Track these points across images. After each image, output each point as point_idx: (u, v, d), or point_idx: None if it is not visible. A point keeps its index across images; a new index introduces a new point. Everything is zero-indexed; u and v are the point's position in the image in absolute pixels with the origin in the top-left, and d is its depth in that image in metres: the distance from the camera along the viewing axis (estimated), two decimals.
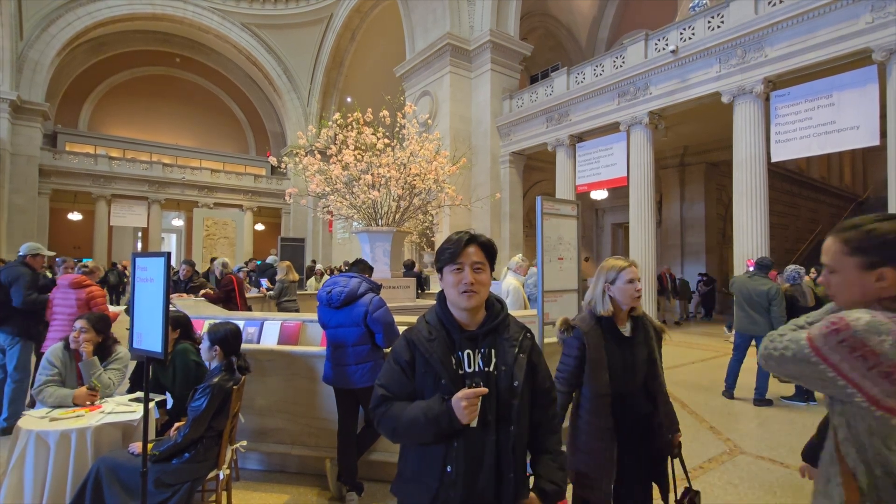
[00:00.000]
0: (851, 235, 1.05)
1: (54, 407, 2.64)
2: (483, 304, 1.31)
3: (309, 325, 3.57)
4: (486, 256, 1.30)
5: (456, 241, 1.29)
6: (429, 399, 1.23)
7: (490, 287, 1.32)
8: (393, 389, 1.30)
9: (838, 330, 0.96)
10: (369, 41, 20.93)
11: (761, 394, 5.05)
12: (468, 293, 1.25)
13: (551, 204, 3.39)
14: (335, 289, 2.91)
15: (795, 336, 1.06)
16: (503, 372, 1.26)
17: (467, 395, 1.17)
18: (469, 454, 1.21)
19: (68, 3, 17.90)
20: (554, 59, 17.31)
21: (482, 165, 13.85)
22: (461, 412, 1.16)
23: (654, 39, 10.15)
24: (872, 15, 7.02)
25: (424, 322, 1.33)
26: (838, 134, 7.56)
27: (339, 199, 5.11)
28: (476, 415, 1.18)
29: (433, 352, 1.25)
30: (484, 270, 1.29)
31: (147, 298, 2.10)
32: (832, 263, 1.09)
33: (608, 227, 18.03)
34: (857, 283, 1.03)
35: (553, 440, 1.37)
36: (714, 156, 13.93)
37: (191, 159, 24.20)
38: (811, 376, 1.03)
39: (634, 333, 1.89)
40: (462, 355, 1.27)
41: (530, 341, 1.34)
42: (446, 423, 1.18)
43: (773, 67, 8.19)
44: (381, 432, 1.32)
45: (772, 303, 4.98)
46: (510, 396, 1.24)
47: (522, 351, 1.29)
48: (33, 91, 17.35)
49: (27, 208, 17.26)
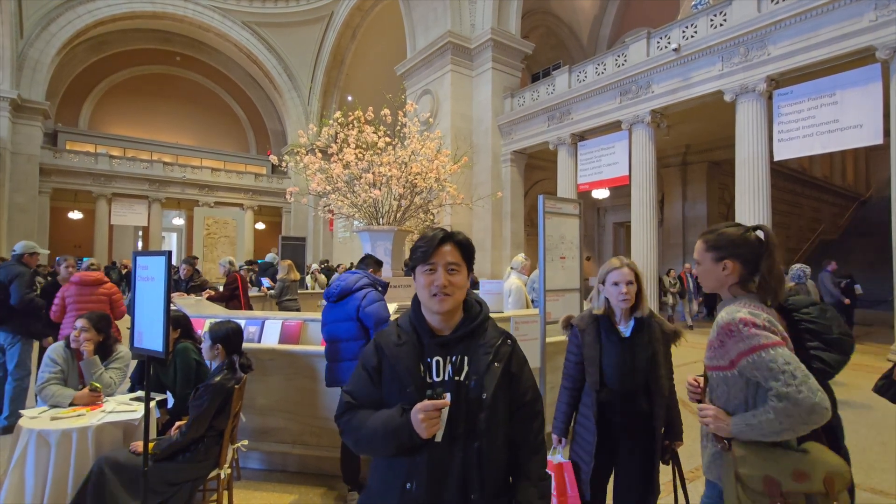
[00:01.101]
0: (709, 237, 1.45)
1: (56, 406, 2.63)
2: (458, 307, 1.20)
3: (310, 325, 3.56)
4: (462, 256, 1.19)
5: (430, 238, 1.18)
6: (391, 409, 1.14)
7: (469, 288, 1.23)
8: (358, 396, 1.21)
9: (747, 324, 1.26)
10: (370, 39, 20.89)
11: None
12: (440, 296, 1.14)
13: (553, 203, 3.37)
14: (334, 283, 2.91)
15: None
16: (474, 382, 1.14)
17: (425, 406, 1.06)
18: (432, 471, 1.11)
19: (68, 2, 17.89)
20: (555, 57, 17.27)
21: (483, 164, 13.83)
22: (419, 426, 1.06)
23: (656, 38, 10.12)
24: (876, 13, 6.99)
25: (395, 325, 1.24)
26: (841, 133, 7.53)
27: (340, 198, 5.09)
28: (437, 429, 1.07)
29: (400, 357, 1.16)
30: (459, 272, 1.18)
31: (148, 297, 2.09)
32: (698, 258, 1.46)
33: (610, 227, 18.01)
34: (713, 271, 1.42)
35: (534, 463, 1.21)
36: (716, 155, 13.90)
37: (191, 158, 24.21)
38: None
39: (637, 334, 1.88)
40: (431, 362, 1.16)
41: (509, 348, 1.21)
42: (406, 437, 1.08)
43: (776, 66, 8.16)
44: (345, 442, 1.23)
45: None
46: (478, 410, 1.12)
47: (498, 359, 1.17)
48: (34, 90, 17.35)
49: (28, 207, 17.27)
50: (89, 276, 4.35)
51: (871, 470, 3.37)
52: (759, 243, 1.39)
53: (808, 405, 1.14)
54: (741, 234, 1.39)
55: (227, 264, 6.34)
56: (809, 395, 1.14)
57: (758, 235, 1.40)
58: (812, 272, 6.24)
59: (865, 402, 5.12)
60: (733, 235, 1.40)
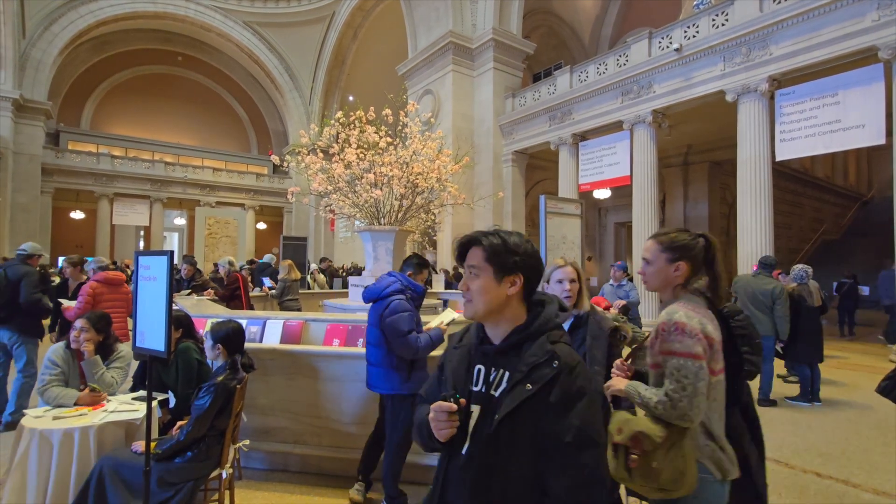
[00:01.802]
0: (664, 239, 1.54)
1: (59, 406, 2.64)
2: (497, 314, 1.08)
3: (311, 325, 3.56)
4: (486, 259, 1.07)
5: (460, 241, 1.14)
6: None
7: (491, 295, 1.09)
8: (426, 392, 1.23)
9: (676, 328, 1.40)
10: (371, 39, 20.90)
11: (765, 395, 5.02)
12: (465, 302, 1.11)
13: (555, 203, 3.38)
14: (371, 285, 2.88)
15: None
16: (499, 400, 1.03)
17: (434, 407, 1.02)
18: (447, 479, 1.09)
19: (70, 2, 17.94)
20: (557, 57, 17.26)
21: (485, 164, 13.82)
22: (433, 427, 1.03)
23: (657, 37, 10.11)
24: (879, 13, 6.97)
25: (466, 328, 1.22)
26: (843, 133, 7.52)
27: (341, 198, 5.08)
28: (448, 434, 1.02)
29: (451, 359, 1.17)
30: (479, 276, 1.07)
31: (150, 297, 2.09)
32: (650, 257, 1.55)
33: (611, 227, 17.99)
34: (664, 271, 1.52)
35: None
36: (718, 155, 13.88)
37: (193, 158, 24.24)
38: None
39: (573, 331, 1.93)
40: (475, 370, 1.11)
41: (553, 372, 1.00)
42: (426, 435, 1.07)
43: (778, 66, 8.14)
44: None
45: (776, 302, 4.96)
46: (489, 429, 1.01)
47: (531, 381, 1.00)
48: (36, 90, 17.40)
49: (30, 207, 17.32)
50: (118, 276, 4.45)
51: (874, 471, 3.37)
52: (706, 249, 1.52)
53: (680, 412, 1.34)
54: (692, 240, 1.52)
55: (226, 265, 6.34)
56: (686, 407, 1.33)
57: (704, 241, 1.54)
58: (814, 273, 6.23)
59: (868, 402, 5.11)
60: (686, 240, 1.52)
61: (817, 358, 5.10)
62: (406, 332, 2.60)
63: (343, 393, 3.20)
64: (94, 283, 4.26)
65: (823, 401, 5.10)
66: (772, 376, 5.05)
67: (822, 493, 3.04)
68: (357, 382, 3.12)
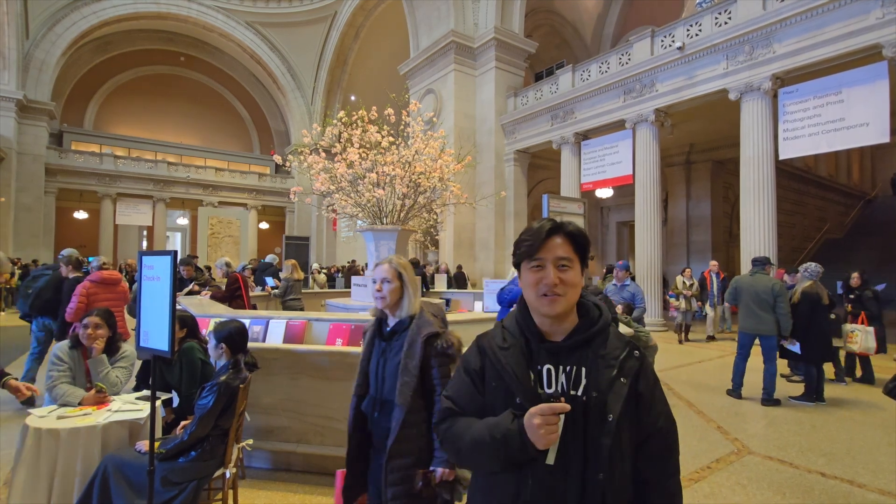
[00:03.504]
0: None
1: (65, 404, 2.65)
2: (572, 309, 1.05)
3: (314, 324, 3.56)
4: (574, 250, 1.04)
5: (536, 230, 1.04)
6: (499, 416, 1.00)
7: (578, 288, 1.06)
8: (460, 403, 1.09)
9: None
10: (373, 39, 20.91)
11: (769, 394, 5.00)
12: (550, 297, 1.00)
13: (558, 202, 3.37)
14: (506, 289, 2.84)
15: None
16: (594, 399, 0.97)
17: (542, 410, 0.91)
18: (544, 498, 0.95)
19: (74, 3, 18.00)
20: (559, 56, 17.23)
21: (487, 163, 13.81)
22: (535, 433, 0.91)
23: (660, 36, 10.08)
24: (883, 10, 6.94)
25: (501, 328, 1.10)
26: (847, 131, 7.48)
27: (343, 198, 5.09)
28: (554, 440, 0.92)
29: (506, 362, 1.02)
30: (572, 268, 1.03)
31: (153, 297, 2.10)
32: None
33: (613, 226, 17.96)
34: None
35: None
36: (721, 153, 13.83)
37: (195, 158, 24.30)
38: None
39: (392, 338, 1.78)
40: (542, 370, 1.02)
41: (637, 363, 1.02)
42: (517, 447, 0.93)
43: (782, 64, 8.11)
44: (445, 452, 1.17)
45: (777, 299, 4.98)
46: (600, 434, 0.95)
47: (624, 374, 0.99)
48: (39, 90, 17.46)
49: (34, 207, 17.40)
50: (113, 275, 4.47)
51: (880, 471, 3.35)
52: None
53: None
54: None
55: (223, 266, 6.32)
56: None
57: None
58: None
59: (873, 402, 5.09)
60: None
61: (829, 356, 5.08)
62: None
63: (346, 392, 3.16)
64: (88, 283, 4.30)
65: (828, 400, 5.08)
66: (775, 376, 5.03)
67: (828, 493, 3.03)
68: None
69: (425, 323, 1.74)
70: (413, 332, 1.72)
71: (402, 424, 1.62)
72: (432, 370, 1.68)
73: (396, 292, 1.77)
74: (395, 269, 1.78)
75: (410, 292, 1.78)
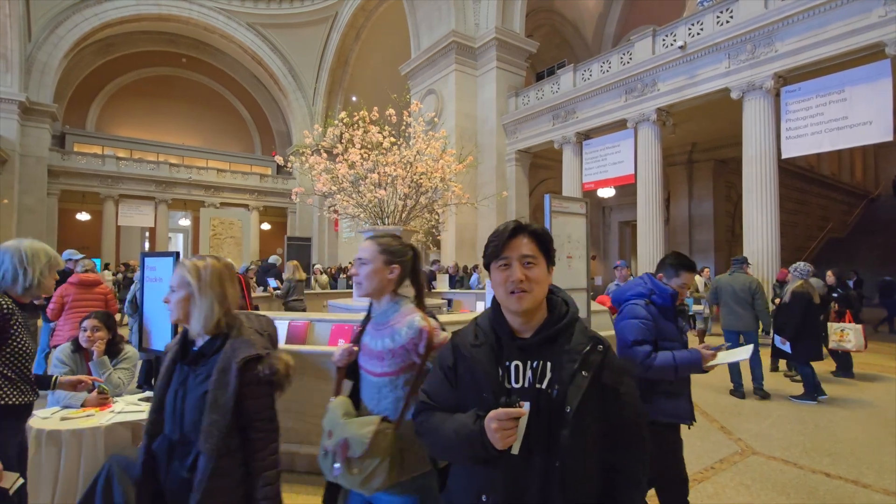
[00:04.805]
0: (382, 241, 1.59)
1: (68, 406, 2.65)
2: (539, 305, 1.09)
3: (317, 325, 3.56)
4: (539, 248, 1.09)
5: (501, 231, 1.11)
6: (466, 414, 1.05)
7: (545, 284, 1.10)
8: (435, 398, 1.15)
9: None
10: (374, 40, 20.92)
11: (759, 383, 5.15)
12: (518, 293, 1.05)
13: (559, 202, 3.36)
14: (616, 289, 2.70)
15: None
16: (556, 391, 1.02)
17: (498, 415, 0.95)
18: (509, 486, 1.02)
19: (76, 5, 18.05)
20: (560, 56, 17.22)
21: (488, 164, 13.81)
22: (493, 436, 0.96)
23: (661, 35, 10.06)
24: (885, 8, 6.91)
25: (474, 325, 1.16)
26: (850, 130, 7.46)
27: (345, 198, 5.08)
28: (513, 440, 0.97)
29: (476, 359, 1.08)
30: (537, 265, 1.07)
31: (156, 298, 2.10)
32: (369, 257, 1.55)
33: (615, 226, 17.94)
34: (382, 272, 1.53)
35: (635, 495, 1.08)
36: (723, 153, 13.80)
37: (197, 159, 24.34)
38: None
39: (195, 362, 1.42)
40: (510, 366, 1.07)
41: (600, 356, 1.07)
42: (479, 447, 0.98)
43: (784, 62, 8.09)
44: (423, 444, 1.18)
45: (755, 296, 5.19)
46: (560, 425, 1.00)
47: (586, 368, 1.03)
48: (42, 92, 17.52)
49: (36, 209, 17.45)
50: (88, 277, 4.58)
51: (884, 471, 3.33)
52: (414, 258, 1.60)
53: None
54: (405, 246, 1.61)
55: None
56: None
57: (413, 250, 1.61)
58: (821, 270, 6.26)
59: (877, 401, 5.06)
60: (400, 246, 1.59)
61: (816, 357, 5.07)
62: (630, 343, 2.16)
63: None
64: (66, 284, 4.46)
65: (832, 400, 5.06)
66: (760, 365, 5.14)
67: (832, 493, 3.01)
68: None
69: (242, 344, 1.38)
70: (226, 355, 1.35)
71: (210, 474, 1.26)
72: (248, 402, 1.35)
73: (184, 304, 1.38)
74: (181, 276, 1.39)
75: (207, 304, 1.37)
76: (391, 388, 1.48)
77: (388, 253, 1.54)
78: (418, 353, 1.43)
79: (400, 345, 1.45)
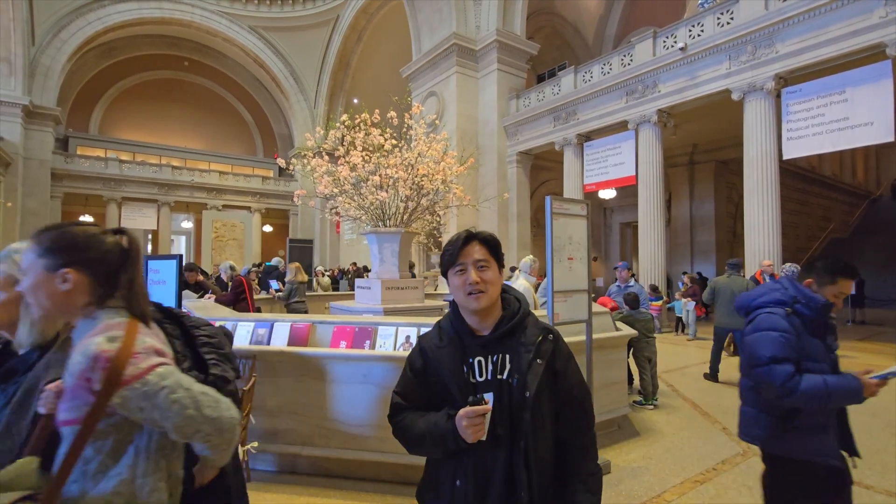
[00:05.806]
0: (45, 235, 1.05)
1: None
2: (495, 304, 1.21)
3: (318, 327, 3.58)
4: (489, 252, 1.22)
5: (455, 240, 1.22)
6: (437, 413, 1.16)
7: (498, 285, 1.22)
8: (408, 398, 1.24)
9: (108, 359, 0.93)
10: (375, 42, 20.99)
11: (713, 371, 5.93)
12: (475, 294, 1.16)
13: (560, 203, 3.36)
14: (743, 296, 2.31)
15: None
16: (516, 380, 1.15)
17: (467, 413, 1.07)
18: (478, 470, 1.13)
19: (79, 9, 18.16)
20: (561, 57, 17.25)
21: (489, 165, 13.83)
22: (464, 432, 1.07)
23: (662, 37, 10.07)
24: (886, 9, 6.91)
25: (438, 328, 1.27)
26: (851, 130, 7.45)
27: (346, 200, 5.10)
28: (483, 432, 1.08)
29: (442, 359, 1.18)
30: (489, 267, 1.19)
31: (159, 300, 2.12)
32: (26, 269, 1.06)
33: (616, 227, 17.93)
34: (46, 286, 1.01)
35: (584, 460, 1.22)
36: (724, 154, 13.80)
37: (199, 162, 24.44)
38: None
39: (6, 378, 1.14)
40: (473, 363, 1.18)
41: (551, 344, 1.21)
42: (452, 443, 1.11)
43: (785, 64, 8.09)
44: (399, 441, 1.25)
45: None
46: (521, 409, 1.13)
47: (540, 356, 1.17)
48: (45, 96, 17.62)
49: (40, 211, 17.52)
50: None
51: (887, 472, 3.33)
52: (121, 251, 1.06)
53: None
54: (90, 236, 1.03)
55: (228, 269, 6.35)
56: None
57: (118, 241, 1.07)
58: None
59: (879, 402, 5.05)
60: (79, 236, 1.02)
61: None
62: (767, 361, 1.72)
63: (351, 395, 3.21)
64: None
65: None
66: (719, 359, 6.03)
67: None
68: (364, 384, 3.13)
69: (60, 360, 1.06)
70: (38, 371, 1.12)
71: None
72: None
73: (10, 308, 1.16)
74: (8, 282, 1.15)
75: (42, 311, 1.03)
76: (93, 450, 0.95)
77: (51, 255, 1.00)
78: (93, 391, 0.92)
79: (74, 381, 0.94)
